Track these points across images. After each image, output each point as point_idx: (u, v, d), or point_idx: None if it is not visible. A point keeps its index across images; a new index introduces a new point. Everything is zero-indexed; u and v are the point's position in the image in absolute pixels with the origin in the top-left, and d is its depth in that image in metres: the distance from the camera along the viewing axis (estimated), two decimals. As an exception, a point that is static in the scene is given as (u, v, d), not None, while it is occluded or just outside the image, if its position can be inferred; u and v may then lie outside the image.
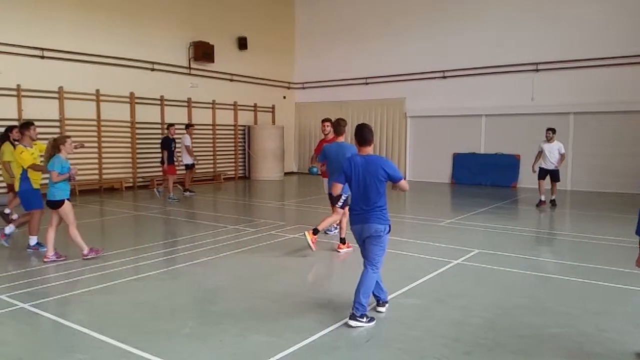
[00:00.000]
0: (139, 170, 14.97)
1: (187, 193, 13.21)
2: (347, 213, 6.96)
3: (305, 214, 10.40)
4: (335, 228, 8.20)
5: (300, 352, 3.75)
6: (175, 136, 12.70)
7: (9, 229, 7.43)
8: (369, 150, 4.53)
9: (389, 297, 4.76)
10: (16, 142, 9.07)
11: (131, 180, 14.74)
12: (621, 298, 5.06)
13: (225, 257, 6.71)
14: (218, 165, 17.55)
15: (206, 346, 3.86)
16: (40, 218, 7.11)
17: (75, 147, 8.85)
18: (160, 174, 12.79)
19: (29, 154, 6.99)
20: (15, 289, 5.25)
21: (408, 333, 4.15)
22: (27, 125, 7.30)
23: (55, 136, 6.83)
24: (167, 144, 12.39)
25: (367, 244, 4.44)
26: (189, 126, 13.64)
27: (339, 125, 6.69)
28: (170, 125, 12.89)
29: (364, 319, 4.23)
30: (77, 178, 10.40)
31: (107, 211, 10.85)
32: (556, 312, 4.60)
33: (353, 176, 4.42)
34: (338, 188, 4.62)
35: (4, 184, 12.02)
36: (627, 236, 7.71)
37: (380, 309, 4.58)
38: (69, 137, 6.69)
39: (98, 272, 5.96)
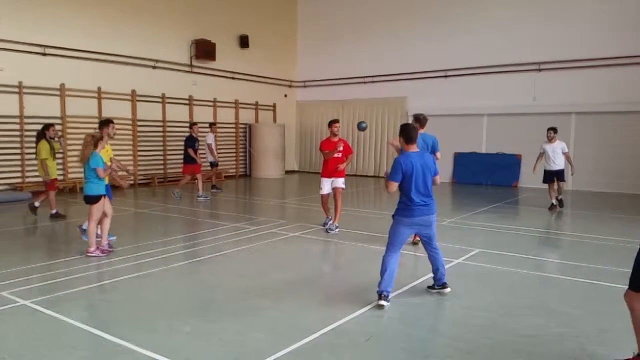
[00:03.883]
0: (140, 167, 14.97)
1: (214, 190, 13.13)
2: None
3: (306, 212, 10.39)
4: (337, 227, 8.21)
5: (301, 351, 3.75)
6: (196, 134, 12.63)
7: (87, 224, 7.01)
8: (415, 147, 4.85)
9: (391, 295, 4.76)
10: (52, 139, 9.10)
11: (132, 177, 14.73)
12: (623, 299, 5.03)
13: (226, 255, 6.71)
14: (219, 163, 17.51)
15: (207, 344, 3.86)
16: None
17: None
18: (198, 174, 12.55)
19: (105, 151, 6.94)
20: (16, 285, 5.25)
21: (409, 332, 4.15)
22: (106, 122, 7.19)
23: (92, 132, 6.92)
24: (191, 143, 12.30)
25: (429, 230, 4.86)
26: (212, 125, 13.57)
27: (418, 121, 6.88)
28: (193, 124, 12.79)
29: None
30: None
31: (108, 208, 10.84)
32: (558, 312, 4.59)
33: (413, 172, 4.67)
34: (393, 186, 4.76)
35: (3, 181, 12.11)
36: (630, 236, 7.71)
37: (382, 302, 4.58)
38: (102, 135, 6.81)
39: (99, 269, 5.97)
